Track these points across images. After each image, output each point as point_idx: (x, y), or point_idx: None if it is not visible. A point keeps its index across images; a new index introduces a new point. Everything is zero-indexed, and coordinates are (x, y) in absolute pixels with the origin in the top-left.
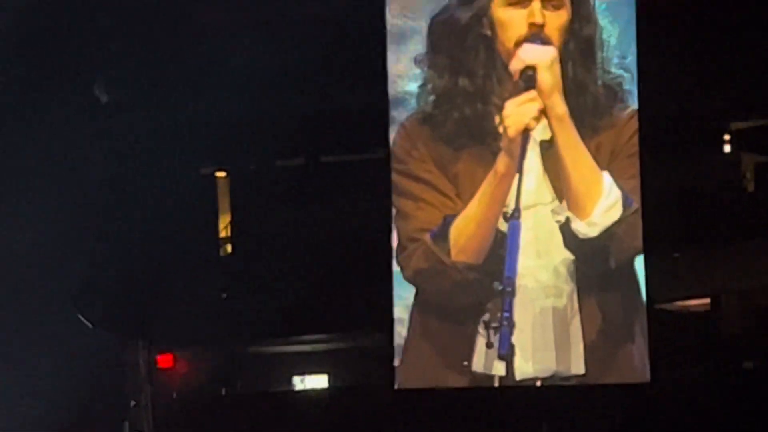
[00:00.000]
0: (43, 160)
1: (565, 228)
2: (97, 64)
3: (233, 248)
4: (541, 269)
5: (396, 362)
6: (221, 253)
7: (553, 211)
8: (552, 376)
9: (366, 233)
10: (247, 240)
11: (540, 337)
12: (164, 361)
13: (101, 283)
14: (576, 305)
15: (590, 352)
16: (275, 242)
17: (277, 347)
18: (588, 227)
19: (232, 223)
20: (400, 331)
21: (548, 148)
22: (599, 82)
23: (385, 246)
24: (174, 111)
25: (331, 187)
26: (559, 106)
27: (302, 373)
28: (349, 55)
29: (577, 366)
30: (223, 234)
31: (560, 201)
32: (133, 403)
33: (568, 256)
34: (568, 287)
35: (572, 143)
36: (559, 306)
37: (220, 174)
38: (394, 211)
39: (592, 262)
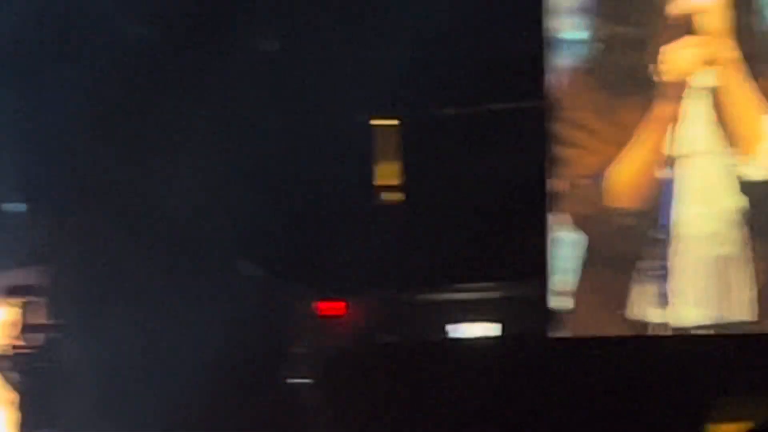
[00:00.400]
0: (208, 111)
1: (732, 173)
2: (263, 13)
3: (400, 197)
4: (705, 216)
5: (552, 310)
6: (384, 202)
7: (720, 156)
8: (714, 325)
9: (525, 181)
10: (415, 189)
11: (702, 284)
12: (328, 308)
13: (268, 231)
14: (741, 251)
15: (762, 299)
16: (441, 191)
17: (439, 295)
18: (756, 170)
19: (401, 171)
20: (557, 279)
21: (713, 93)
22: (764, 27)
23: (544, 194)
24: (341, 59)
25: (494, 135)
26: (724, 50)
27: (462, 322)
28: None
29: (746, 313)
30: (390, 183)
31: (726, 146)
32: (296, 350)
33: (735, 201)
34: (734, 233)
35: (737, 87)
36: (722, 253)
37: (390, 122)
38: (553, 158)
39: (760, 207)
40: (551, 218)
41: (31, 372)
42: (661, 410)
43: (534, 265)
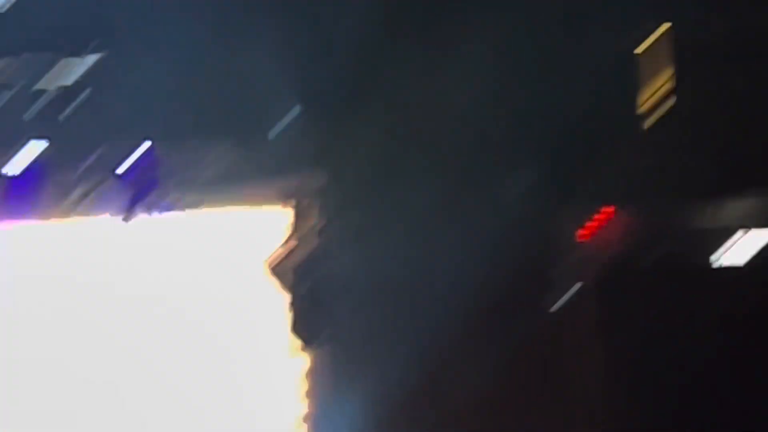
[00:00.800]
0: (478, 31)
1: None
2: None
3: (671, 107)
4: None
5: None
6: (655, 112)
7: None
8: None
9: None
10: (684, 100)
11: None
12: (591, 227)
13: (532, 148)
14: None
15: None
16: (710, 102)
17: (706, 209)
18: None
19: (673, 82)
20: None
21: None
22: None
23: None
24: None
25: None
26: None
27: (729, 235)
28: None
29: None
30: (661, 92)
31: None
32: (558, 269)
33: None
34: None
35: None
36: None
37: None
38: None
39: None
40: None
41: (306, 275)
42: None
43: None
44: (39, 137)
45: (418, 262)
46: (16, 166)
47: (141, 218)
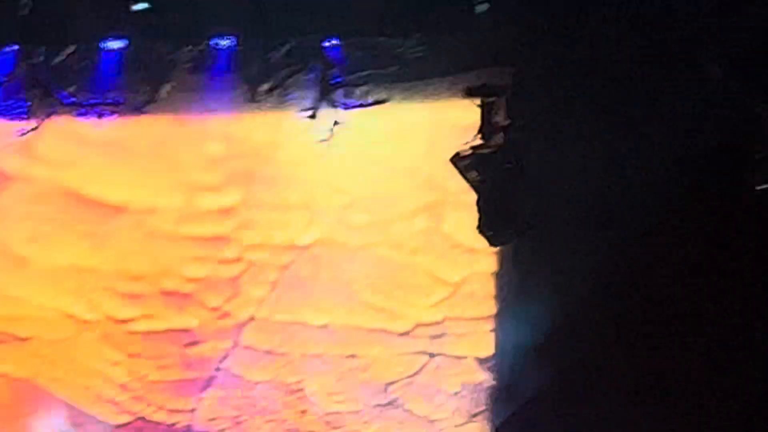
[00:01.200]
0: None
1: None
2: None
3: None
4: None
5: None
6: None
7: None
8: None
9: None
10: None
11: None
12: None
13: (736, 32)
14: None
15: None
16: None
17: None
18: None
19: None
20: None
21: None
22: None
23: None
24: None
25: None
26: None
27: None
28: None
29: None
30: None
31: None
32: (759, 156)
33: None
34: None
35: None
36: None
37: None
38: None
39: None
40: None
41: (492, 172)
42: None
43: None
44: (228, 33)
45: (611, 154)
46: (205, 60)
47: (328, 113)
